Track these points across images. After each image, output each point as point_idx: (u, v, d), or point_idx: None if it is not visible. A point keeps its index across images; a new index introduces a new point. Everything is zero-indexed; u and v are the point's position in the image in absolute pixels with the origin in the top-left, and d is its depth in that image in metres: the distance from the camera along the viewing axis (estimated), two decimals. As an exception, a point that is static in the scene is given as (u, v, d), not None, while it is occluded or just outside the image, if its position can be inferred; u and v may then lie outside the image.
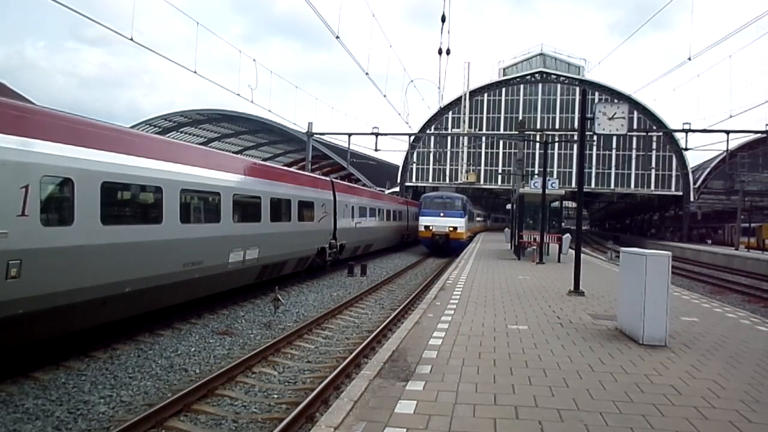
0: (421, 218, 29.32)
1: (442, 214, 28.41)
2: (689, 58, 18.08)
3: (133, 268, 8.69)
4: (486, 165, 56.50)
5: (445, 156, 56.30)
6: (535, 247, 19.97)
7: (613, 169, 54.86)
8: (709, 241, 52.78)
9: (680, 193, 53.32)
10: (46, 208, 7.08)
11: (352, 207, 22.29)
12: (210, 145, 48.90)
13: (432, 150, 55.20)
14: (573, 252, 14.10)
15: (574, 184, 40.42)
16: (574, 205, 16.36)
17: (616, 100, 35.98)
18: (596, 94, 49.07)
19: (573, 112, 53.35)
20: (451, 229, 28.21)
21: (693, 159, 55.99)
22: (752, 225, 46.46)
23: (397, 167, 55.02)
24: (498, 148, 56.25)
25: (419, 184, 54.10)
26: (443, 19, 16.72)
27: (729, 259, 32.47)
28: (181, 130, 51.46)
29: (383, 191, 38.67)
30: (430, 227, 28.43)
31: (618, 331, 7.54)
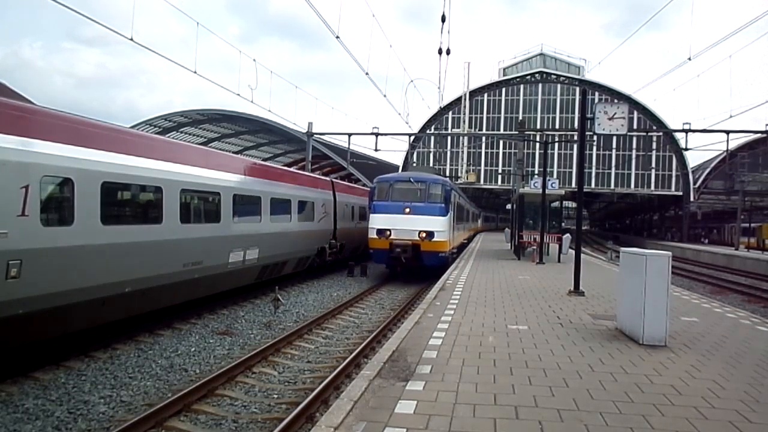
0: (372, 216, 17.80)
1: (407, 210, 17.08)
2: (689, 58, 18.10)
3: (133, 268, 8.69)
4: (486, 165, 56.53)
5: (445, 156, 56.33)
6: (535, 247, 19.97)
7: (613, 169, 54.90)
8: (706, 241, 52.79)
9: (680, 193, 53.37)
10: (46, 208, 7.08)
11: (352, 207, 22.29)
12: (210, 145, 48.88)
13: (432, 150, 55.25)
14: (573, 252, 14.10)
15: (574, 184, 40.43)
16: (574, 205, 16.37)
17: (616, 100, 35.98)
18: (596, 94, 49.13)
19: (573, 112, 53.39)
20: (423, 235, 16.79)
21: (693, 159, 56.08)
22: (752, 225, 46.48)
23: (397, 167, 54.95)
24: (498, 148, 56.28)
25: (419, 184, 54.02)
26: (443, 19, 16.74)
27: (729, 259, 32.47)
28: (182, 130, 51.42)
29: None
30: (387, 232, 16.95)
31: (618, 331, 7.53)
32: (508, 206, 34.70)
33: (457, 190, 24.00)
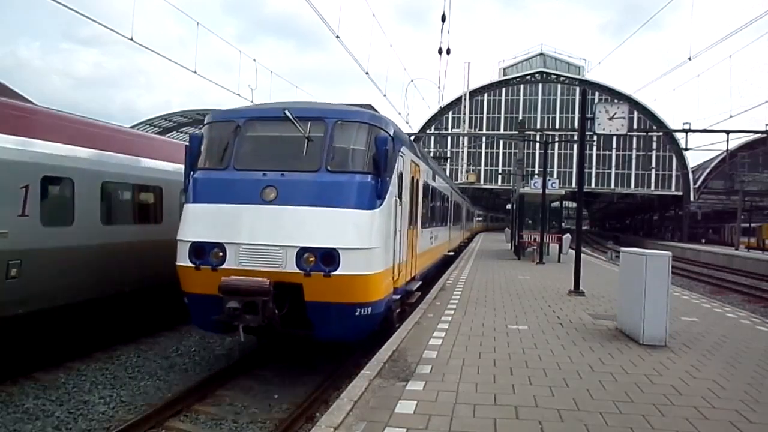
0: (185, 209, 6.90)
1: (271, 194, 6.28)
2: (689, 58, 18.07)
3: (133, 268, 8.68)
4: (486, 165, 56.58)
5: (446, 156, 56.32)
6: (535, 247, 19.97)
7: (613, 169, 54.96)
8: (703, 241, 52.81)
9: (680, 193, 53.45)
10: (46, 208, 7.08)
11: None
12: (210, 145, 48.81)
13: (432, 150, 55.24)
14: (573, 252, 14.10)
15: (574, 184, 40.43)
16: (574, 205, 16.37)
17: (616, 100, 36.00)
18: (596, 94, 49.16)
19: (573, 112, 53.43)
20: (312, 259, 6.15)
21: (693, 159, 56.11)
22: (752, 225, 46.50)
23: (397, 167, 54.82)
24: (498, 148, 56.33)
25: (419, 184, 53.83)
26: (443, 19, 16.74)
27: (729, 259, 32.48)
28: (182, 130, 51.48)
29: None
30: (217, 253, 6.44)
31: (618, 331, 7.53)
32: (509, 206, 34.66)
33: (421, 153, 11.46)
